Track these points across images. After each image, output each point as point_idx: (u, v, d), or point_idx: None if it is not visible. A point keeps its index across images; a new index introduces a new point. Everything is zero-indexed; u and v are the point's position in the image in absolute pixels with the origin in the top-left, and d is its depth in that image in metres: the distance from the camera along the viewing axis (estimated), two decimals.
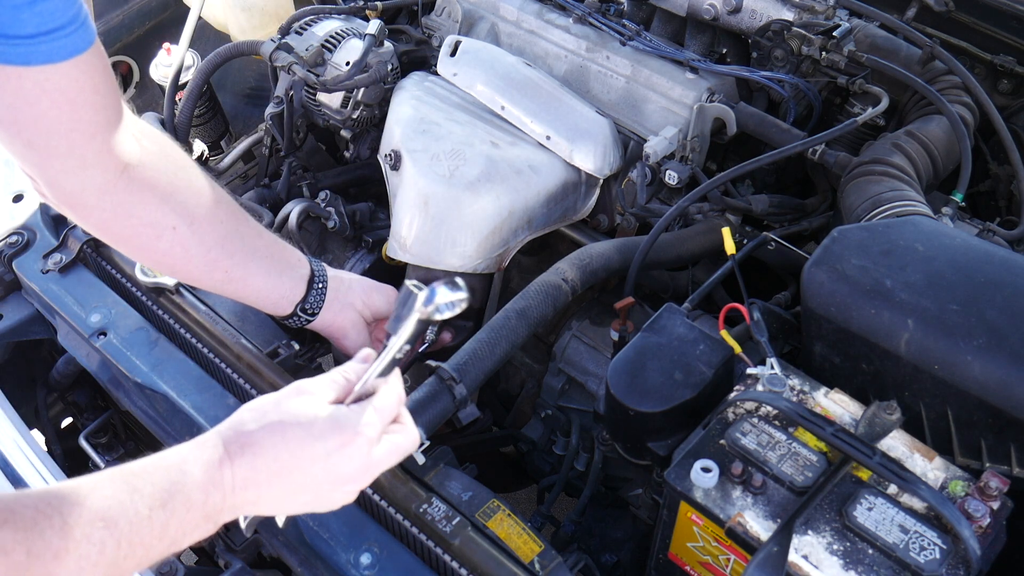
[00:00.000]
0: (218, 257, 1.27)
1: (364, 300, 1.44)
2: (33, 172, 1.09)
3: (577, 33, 1.84)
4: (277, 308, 1.37)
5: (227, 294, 1.37)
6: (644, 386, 1.23)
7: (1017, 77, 1.85)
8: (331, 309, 1.40)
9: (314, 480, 0.95)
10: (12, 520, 0.77)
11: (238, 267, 1.30)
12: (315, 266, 1.39)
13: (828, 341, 1.26)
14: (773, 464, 1.09)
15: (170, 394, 1.39)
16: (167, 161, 1.21)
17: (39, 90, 0.97)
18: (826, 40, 1.68)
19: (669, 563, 1.20)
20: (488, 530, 1.18)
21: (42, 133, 1.02)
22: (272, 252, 1.36)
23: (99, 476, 0.86)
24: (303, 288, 1.37)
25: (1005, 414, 1.12)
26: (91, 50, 0.99)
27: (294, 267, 1.37)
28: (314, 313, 1.39)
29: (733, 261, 1.43)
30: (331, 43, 1.80)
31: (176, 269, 1.32)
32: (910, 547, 1.01)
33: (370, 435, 0.97)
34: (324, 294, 1.39)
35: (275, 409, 0.96)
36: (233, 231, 1.29)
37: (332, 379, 1.01)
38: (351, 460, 0.96)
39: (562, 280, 1.47)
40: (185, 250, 1.23)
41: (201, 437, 0.94)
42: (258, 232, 1.34)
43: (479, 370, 1.34)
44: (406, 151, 1.64)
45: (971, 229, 1.51)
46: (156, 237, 1.21)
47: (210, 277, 1.30)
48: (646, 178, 1.69)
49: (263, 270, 1.33)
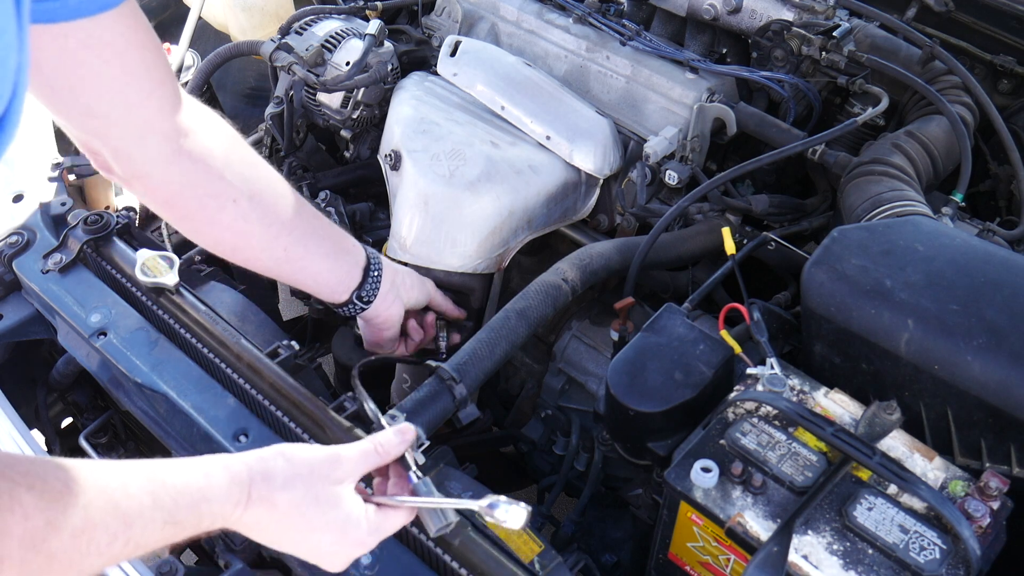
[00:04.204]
0: (278, 233, 1.26)
1: (409, 292, 1.45)
2: (97, 144, 1.09)
3: (577, 33, 1.84)
4: (334, 294, 1.37)
5: (284, 277, 1.36)
6: (644, 386, 1.23)
7: (1017, 77, 1.85)
8: (385, 300, 1.40)
9: (296, 547, 1.02)
10: (40, 488, 0.79)
11: (297, 244, 1.29)
12: (370, 253, 1.39)
13: (828, 341, 1.26)
14: (773, 464, 1.09)
15: (170, 394, 1.39)
16: (219, 131, 1.21)
17: (85, 47, 0.97)
18: (826, 40, 1.68)
19: (669, 563, 1.20)
20: (488, 530, 1.18)
21: (98, 94, 1.02)
22: (330, 234, 1.35)
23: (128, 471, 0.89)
24: (359, 275, 1.36)
25: (1005, 414, 1.12)
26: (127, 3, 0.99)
27: (350, 252, 1.37)
28: (369, 301, 1.38)
29: (733, 261, 1.43)
30: (331, 43, 1.80)
31: (237, 246, 1.30)
32: (910, 547, 1.01)
33: (369, 546, 1.05)
34: (379, 283, 1.39)
35: (306, 475, 1.00)
36: (291, 207, 1.28)
37: (366, 453, 1.06)
38: (344, 555, 1.04)
39: (562, 280, 1.47)
40: (247, 223, 1.23)
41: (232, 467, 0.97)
42: (315, 213, 1.34)
43: (479, 370, 1.34)
44: (406, 151, 1.64)
45: (971, 229, 1.51)
46: (219, 208, 1.21)
47: (269, 255, 1.29)
48: (646, 178, 1.69)
49: (322, 251, 1.33)
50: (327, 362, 1.78)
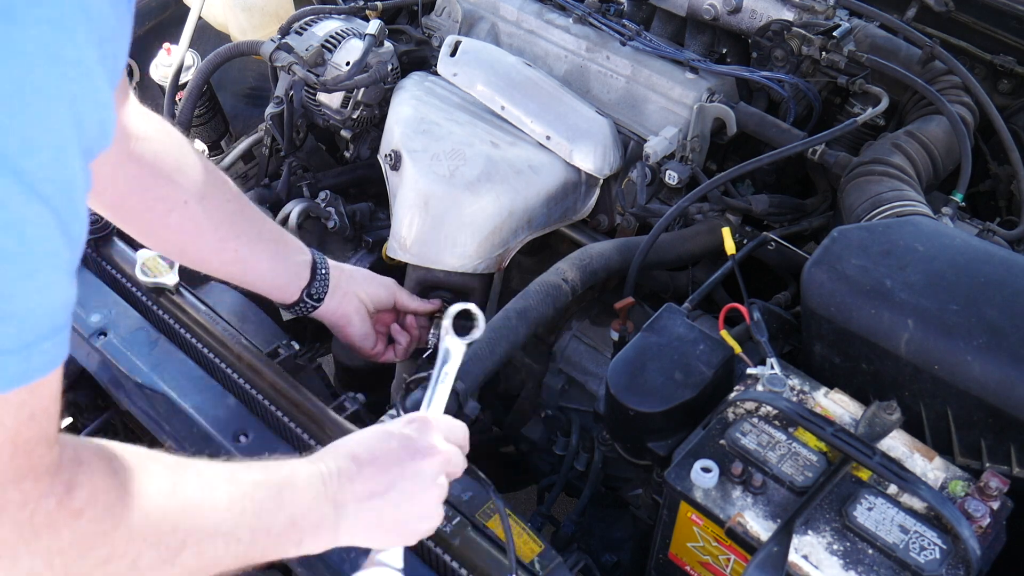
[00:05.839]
0: (227, 236, 1.29)
1: (366, 289, 1.47)
2: None
3: (577, 33, 1.84)
4: (284, 294, 1.39)
5: (235, 278, 1.38)
6: (644, 386, 1.23)
7: (1017, 77, 1.85)
8: (335, 296, 1.42)
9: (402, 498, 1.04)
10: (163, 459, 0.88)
11: (246, 247, 1.32)
12: (315, 254, 1.42)
13: (828, 341, 1.26)
14: (773, 464, 1.09)
15: (170, 394, 1.39)
16: (170, 138, 1.22)
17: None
18: (826, 40, 1.68)
19: (669, 563, 1.20)
20: (488, 530, 1.18)
21: None
22: (276, 236, 1.38)
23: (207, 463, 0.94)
24: (307, 274, 1.39)
25: (1005, 414, 1.12)
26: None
27: (297, 252, 1.40)
28: (319, 299, 1.40)
29: (733, 261, 1.43)
30: (331, 43, 1.80)
31: (186, 248, 1.32)
32: (910, 547, 1.01)
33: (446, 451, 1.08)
34: (327, 280, 1.41)
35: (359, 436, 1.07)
36: (240, 211, 1.31)
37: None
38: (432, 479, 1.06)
39: (562, 280, 1.47)
40: (196, 225, 1.25)
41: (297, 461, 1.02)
42: (262, 216, 1.37)
43: (479, 370, 1.34)
44: (406, 151, 1.64)
45: (971, 229, 1.51)
46: (168, 211, 1.22)
47: (219, 257, 1.31)
48: (646, 178, 1.68)
49: (269, 252, 1.35)
50: (327, 362, 1.78)
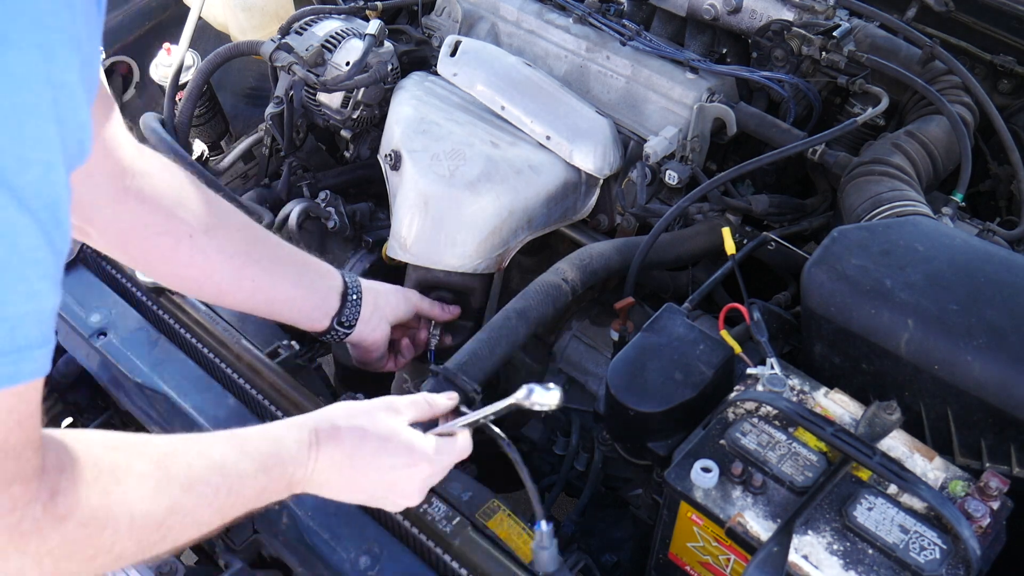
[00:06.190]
0: (242, 264, 1.24)
1: (394, 311, 1.43)
2: None
3: (577, 33, 1.84)
4: (313, 322, 1.34)
5: (259, 310, 1.33)
6: (644, 386, 1.23)
7: (1017, 77, 1.85)
8: (369, 324, 1.38)
9: (373, 485, 1.09)
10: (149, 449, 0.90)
11: (265, 274, 1.26)
12: (347, 278, 1.37)
13: (828, 341, 1.26)
14: (773, 464, 1.09)
15: (170, 394, 1.39)
16: (170, 174, 1.19)
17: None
18: (826, 40, 1.68)
19: (669, 563, 1.20)
20: (488, 530, 1.18)
21: None
22: (298, 260, 1.32)
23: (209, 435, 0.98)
24: (337, 300, 1.34)
25: (1005, 414, 1.12)
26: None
27: (324, 277, 1.34)
28: (351, 326, 1.36)
29: (733, 261, 1.43)
30: (331, 43, 1.80)
31: (203, 283, 1.26)
32: (910, 547, 1.01)
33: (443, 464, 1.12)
34: (359, 307, 1.36)
35: (364, 414, 1.08)
36: (253, 239, 1.27)
37: (416, 402, 1.14)
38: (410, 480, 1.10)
39: (562, 280, 1.47)
40: (206, 258, 1.21)
41: (295, 419, 1.07)
42: (279, 241, 1.32)
43: (479, 370, 1.34)
44: (406, 151, 1.64)
45: (971, 229, 1.51)
46: (174, 246, 1.18)
47: (238, 287, 1.26)
48: (646, 178, 1.68)
49: (291, 277, 1.30)
50: (327, 362, 1.77)
